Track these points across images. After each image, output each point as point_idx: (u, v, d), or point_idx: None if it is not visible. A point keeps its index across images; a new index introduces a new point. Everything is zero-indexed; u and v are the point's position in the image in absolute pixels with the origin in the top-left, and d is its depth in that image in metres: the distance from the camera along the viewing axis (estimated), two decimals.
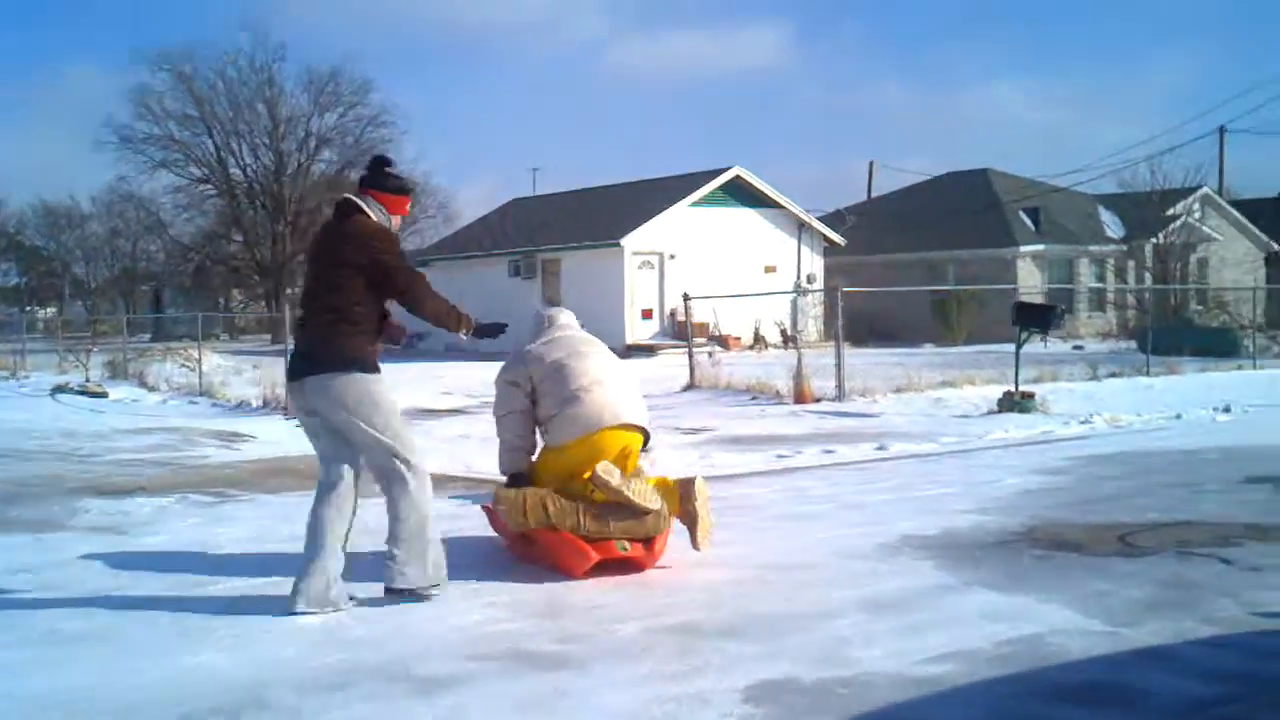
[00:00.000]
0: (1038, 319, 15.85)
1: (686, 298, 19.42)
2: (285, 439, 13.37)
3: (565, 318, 6.51)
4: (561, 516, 5.78)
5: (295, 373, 5.33)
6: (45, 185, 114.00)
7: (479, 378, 24.02)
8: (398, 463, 5.24)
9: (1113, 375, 19.82)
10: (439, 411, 17.25)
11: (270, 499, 8.92)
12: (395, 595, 5.34)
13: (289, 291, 53.41)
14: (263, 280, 54.96)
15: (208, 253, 57.50)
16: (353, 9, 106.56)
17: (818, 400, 16.40)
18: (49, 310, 67.51)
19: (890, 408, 15.66)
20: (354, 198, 5.42)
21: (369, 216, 5.38)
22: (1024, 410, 14.75)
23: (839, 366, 16.93)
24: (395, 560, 5.29)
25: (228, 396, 18.28)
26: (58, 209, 64.34)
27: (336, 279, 5.24)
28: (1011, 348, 15.61)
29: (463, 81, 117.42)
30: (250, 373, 25.27)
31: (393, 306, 5.48)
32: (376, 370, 5.33)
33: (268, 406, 16.71)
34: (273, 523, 7.74)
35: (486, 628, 5.03)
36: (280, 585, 5.77)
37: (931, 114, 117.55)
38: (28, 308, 68.89)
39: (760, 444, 12.18)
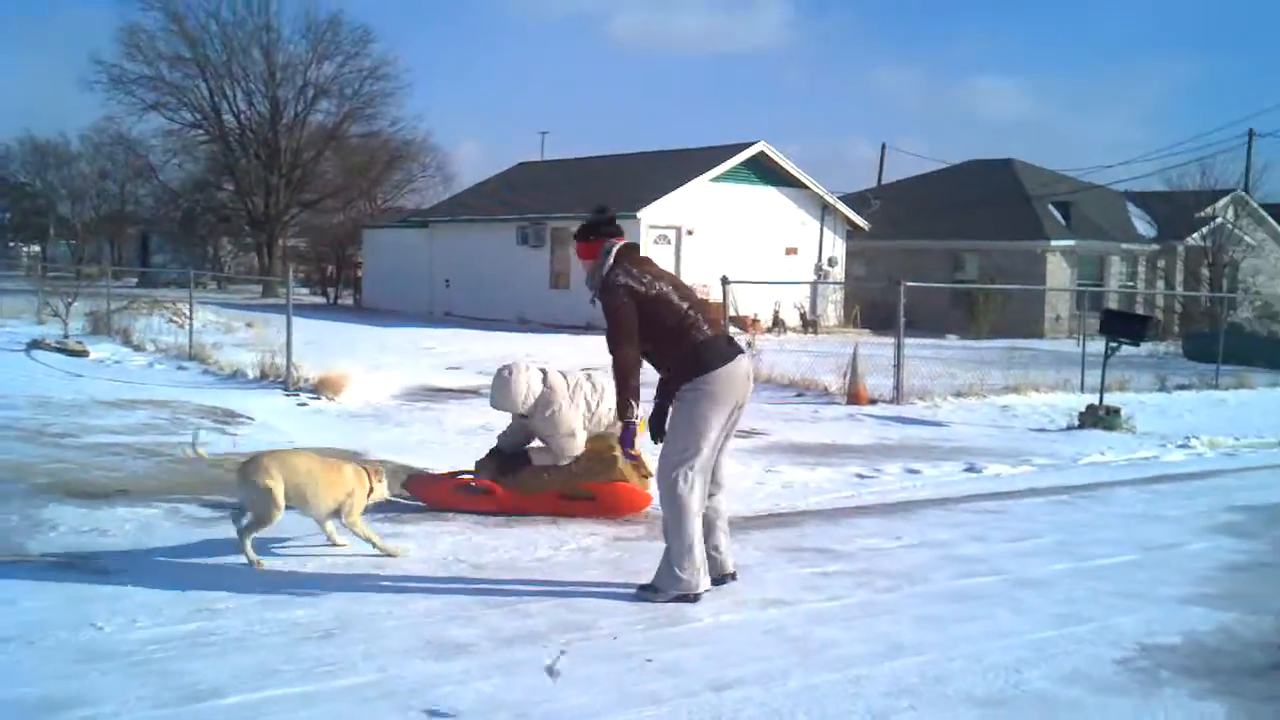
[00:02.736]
0: (1130, 329, 14.28)
1: (726, 281, 17.70)
2: (286, 423, 11.69)
3: None
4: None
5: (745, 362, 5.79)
6: (34, 121, 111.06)
7: (485, 350, 22.04)
8: None
9: (1181, 387, 18.44)
10: (448, 392, 15.21)
11: (282, 520, 7.24)
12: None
13: (281, 244, 51.62)
14: (254, 231, 52.99)
15: (198, 200, 55.57)
16: None
17: (873, 402, 14.98)
18: (33, 247, 65.40)
19: (954, 415, 14.41)
20: None
21: None
22: (1109, 428, 13.41)
23: (898, 366, 15.44)
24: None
25: (220, 364, 16.42)
26: (46, 146, 62.17)
27: None
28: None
29: (464, 38, 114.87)
30: (243, 332, 23.57)
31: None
32: None
33: (266, 379, 14.96)
34: (295, 560, 6.08)
35: None
36: (317, 702, 4.08)
37: (930, 103, 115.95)
38: (10, 243, 66.85)
39: (826, 455, 10.90)
